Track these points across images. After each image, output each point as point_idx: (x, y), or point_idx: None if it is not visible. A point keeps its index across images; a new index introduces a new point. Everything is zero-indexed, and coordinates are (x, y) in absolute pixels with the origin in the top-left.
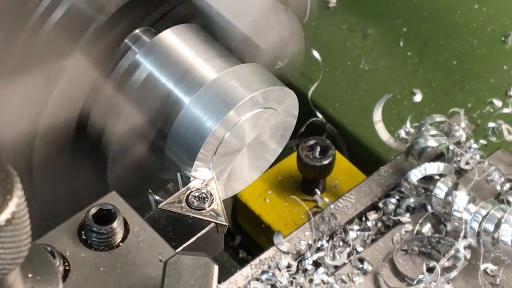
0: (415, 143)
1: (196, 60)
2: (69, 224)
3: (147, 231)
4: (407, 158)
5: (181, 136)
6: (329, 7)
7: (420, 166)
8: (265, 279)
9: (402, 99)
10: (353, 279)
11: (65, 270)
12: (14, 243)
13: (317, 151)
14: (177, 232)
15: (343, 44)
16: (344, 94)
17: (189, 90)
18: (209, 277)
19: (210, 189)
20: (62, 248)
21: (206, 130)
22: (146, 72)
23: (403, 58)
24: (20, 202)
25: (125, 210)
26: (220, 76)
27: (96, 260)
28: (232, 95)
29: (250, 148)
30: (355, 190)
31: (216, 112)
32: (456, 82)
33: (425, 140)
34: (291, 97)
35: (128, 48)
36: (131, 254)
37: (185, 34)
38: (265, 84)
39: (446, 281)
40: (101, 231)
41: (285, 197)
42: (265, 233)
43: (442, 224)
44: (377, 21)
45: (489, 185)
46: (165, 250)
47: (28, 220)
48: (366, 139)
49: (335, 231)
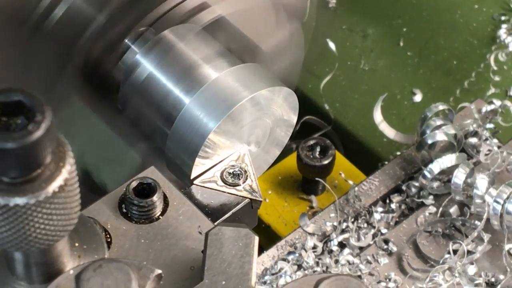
0: (423, 139)
1: (196, 60)
2: (109, 198)
3: (186, 205)
4: (419, 152)
5: (181, 136)
6: (329, 7)
7: (433, 163)
8: (291, 260)
9: (402, 99)
10: (378, 259)
11: (107, 242)
12: (66, 210)
13: (317, 151)
14: (213, 208)
15: (343, 44)
16: (344, 94)
17: (189, 90)
18: (250, 248)
19: (245, 166)
20: (103, 221)
21: (206, 130)
22: (146, 72)
23: (403, 58)
24: (72, 170)
25: (164, 184)
26: (220, 76)
27: (137, 232)
28: (232, 95)
29: (250, 148)
30: (379, 173)
31: (216, 112)
32: (456, 82)
33: (433, 135)
34: (291, 97)
35: (128, 48)
36: (171, 227)
37: (185, 34)
38: (265, 84)
39: (469, 262)
40: (141, 204)
41: (285, 197)
42: (265, 233)
43: (466, 206)
44: (377, 21)
45: (510, 173)
46: (204, 223)
47: (78, 188)
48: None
49: (360, 213)
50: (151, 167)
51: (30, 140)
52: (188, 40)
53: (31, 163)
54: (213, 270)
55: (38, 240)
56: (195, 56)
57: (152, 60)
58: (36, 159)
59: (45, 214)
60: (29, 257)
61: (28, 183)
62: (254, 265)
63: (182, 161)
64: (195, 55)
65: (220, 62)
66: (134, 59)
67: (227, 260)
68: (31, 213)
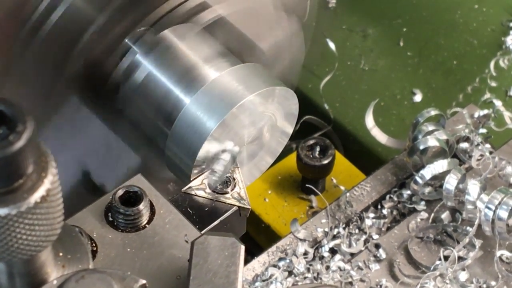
0: (415, 145)
1: (196, 60)
2: (95, 206)
3: (172, 213)
4: (410, 158)
5: (181, 136)
6: (329, 7)
7: (425, 169)
8: (282, 266)
9: (402, 99)
10: (369, 266)
11: (92, 251)
12: (49, 220)
13: (317, 151)
14: (201, 216)
15: (343, 44)
16: (344, 94)
17: (189, 90)
18: (236, 257)
19: (233, 173)
20: (89, 229)
21: (206, 130)
22: (146, 72)
23: (403, 58)
24: (54, 180)
25: (151, 192)
26: (220, 76)
27: (123, 241)
28: (232, 95)
29: (250, 148)
30: (371, 179)
31: (217, 112)
32: (456, 82)
33: (425, 140)
34: (291, 97)
35: (128, 48)
36: (157, 236)
37: (185, 34)
38: (265, 84)
39: (461, 268)
40: (127, 212)
41: (284, 197)
42: (265, 233)
43: (458, 212)
44: (377, 21)
45: (501, 179)
46: (191, 231)
47: (61, 198)
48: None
49: (351, 218)
50: (138, 175)
51: (11, 150)
52: (188, 40)
53: (12, 174)
54: (198, 280)
55: (21, 251)
56: (195, 56)
57: (152, 60)
58: (17, 170)
59: (27, 225)
60: (12, 267)
61: (9, 194)
62: (240, 274)
63: (182, 161)
64: (195, 55)
65: (220, 62)
66: (134, 59)
67: (213, 269)
68: (12, 224)
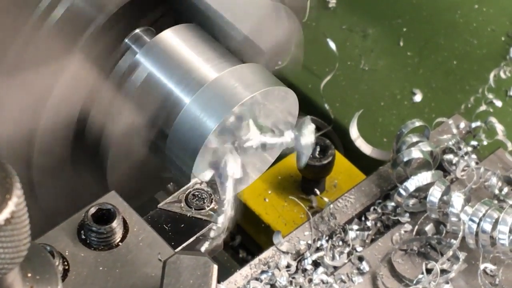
0: (398, 156)
1: (196, 60)
2: (68, 224)
3: (146, 231)
4: (394, 169)
5: (181, 136)
6: (329, 7)
7: (408, 181)
8: (264, 279)
9: (402, 99)
10: (352, 279)
11: (64, 269)
12: (14, 242)
13: (317, 151)
14: (176, 232)
15: (343, 44)
16: (344, 94)
17: (189, 90)
18: (208, 277)
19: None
20: (61, 247)
21: (206, 130)
22: (146, 72)
23: (403, 58)
24: (20, 202)
25: (125, 209)
26: (220, 76)
27: (95, 259)
28: (232, 95)
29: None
30: (355, 190)
31: (216, 112)
32: (456, 82)
33: (408, 152)
34: (291, 97)
35: (128, 48)
36: (130, 254)
37: (185, 34)
38: (265, 84)
39: (445, 281)
40: (100, 230)
41: (284, 197)
42: (265, 233)
43: (442, 224)
44: (377, 21)
45: (486, 190)
46: (164, 249)
47: (28, 220)
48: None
49: (335, 231)
50: (112, 192)
51: None
52: (188, 40)
53: None
54: None
55: None
56: (195, 56)
57: (152, 60)
58: None
59: None
60: None
61: None
62: None
63: (182, 161)
64: (195, 55)
65: (220, 62)
66: (134, 59)
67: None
68: None
